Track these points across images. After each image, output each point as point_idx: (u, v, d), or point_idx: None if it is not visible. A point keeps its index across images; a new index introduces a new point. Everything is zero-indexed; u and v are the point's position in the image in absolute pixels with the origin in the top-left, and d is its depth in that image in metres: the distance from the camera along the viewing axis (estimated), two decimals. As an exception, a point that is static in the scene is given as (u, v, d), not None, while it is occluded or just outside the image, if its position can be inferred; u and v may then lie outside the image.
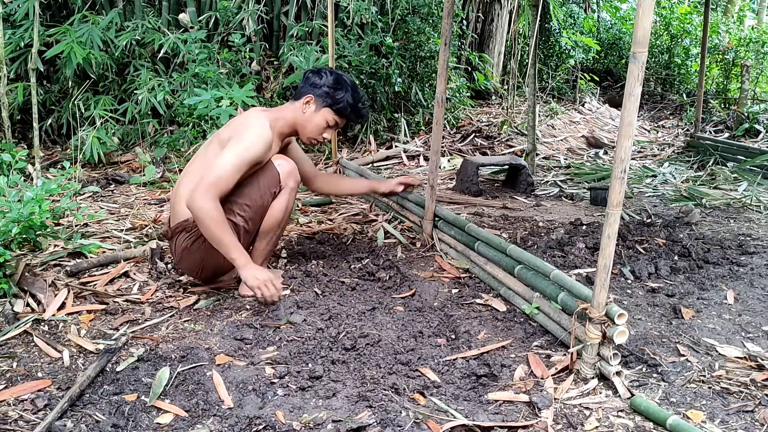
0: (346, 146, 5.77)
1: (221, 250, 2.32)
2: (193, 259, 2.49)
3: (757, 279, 2.90)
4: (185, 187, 2.45)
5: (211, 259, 2.47)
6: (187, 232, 2.47)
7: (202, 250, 2.44)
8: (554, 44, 8.40)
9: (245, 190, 2.44)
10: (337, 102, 2.56)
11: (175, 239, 2.50)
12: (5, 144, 4.14)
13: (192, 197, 2.27)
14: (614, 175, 1.81)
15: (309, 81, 2.59)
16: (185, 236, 2.47)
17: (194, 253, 2.47)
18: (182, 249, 2.49)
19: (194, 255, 2.47)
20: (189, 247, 2.47)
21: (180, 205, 2.46)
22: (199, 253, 2.46)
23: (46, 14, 5.05)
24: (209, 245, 2.36)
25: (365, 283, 2.74)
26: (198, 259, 2.49)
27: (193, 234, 2.45)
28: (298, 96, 2.59)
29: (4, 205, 2.57)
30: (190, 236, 2.46)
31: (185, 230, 2.47)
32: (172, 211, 2.54)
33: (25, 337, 2.18)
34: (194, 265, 2.52)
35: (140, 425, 1.71)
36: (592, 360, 1.99)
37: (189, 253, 2.48)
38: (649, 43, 1.76)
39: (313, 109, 2.56)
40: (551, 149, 6.34)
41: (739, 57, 8.46)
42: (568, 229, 3.58)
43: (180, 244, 2.49)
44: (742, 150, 5.67)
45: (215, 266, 2.53)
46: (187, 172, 2.53)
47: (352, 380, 1.96)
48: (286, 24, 5.68)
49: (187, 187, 2.42)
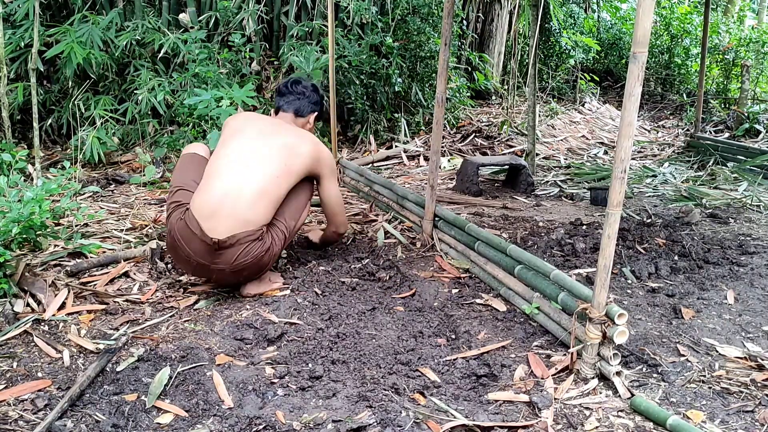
0: (346, 146, 5.77)
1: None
2: (260, 265, 2.54)
3: (757, 279, 2.90)
4: (257, 197, 2.49)
5: (272, 263, 2.62)
6: (260, 240, 2.49)
7: (270, 257, 2.55)
8: (554, 44, 8.40)
9: (296, 206, 2.69)
10: (323, 110, 3.05)
11: (243, 246, 2.45)
12: (5, 144, 4.14)
13: (342, 224, 3.00)
14: (614, 175, 1.81)
15: (310, 99, 2.90)
16: (258, 246, 2.48)
17: (265, 260, 2.53)
18: (253, 256, 2.47)
19: (264, 262, 2.54)
20: (263, 256, 2.50)
21: (247, 213, 2.46)
22: (267, 258, 2.54)
23: (46, 14, 5.05)
24: (274, 252, 2.58)
25: (365, 283, 2.74)
26: (264, 265, 2.56)
27: (264, 242, 2.51)
28: (303, 113, 2.89)
29: (4, 205, 2.57)
30: (263, 244, 2.50)
31: (258, 239, 2.49)
32: (233, 217, 2.44)
33: (25, 337, 2.18)
34: (257, 271, 2.57)
35: (140, 425, 1.71)
36: (592, 360, 1.99)
37: (260, 262, 2.51)
38: (649, 43, 1.76)
39: (313, 123, 2.97)
40: (551, 149, 6.34)
41: (739, 57, 8.46)
42: (568, 229, 3.58)
43: (252, 252, 2.47)
44: (742, 150, 5.67)
45: (267, 269, 2.63)
46: (250, 182, 2.51)
47: (352, 380, 1.96)
48: (286, 24, 5.68)
49: (259, 199, 2.50)
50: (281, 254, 3.02)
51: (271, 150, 2.60)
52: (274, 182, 2.55)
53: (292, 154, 2.62)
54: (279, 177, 2.57)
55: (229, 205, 2.44)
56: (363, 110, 5.70)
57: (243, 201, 2.46)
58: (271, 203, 2.55)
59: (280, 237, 2.60)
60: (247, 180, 2.50)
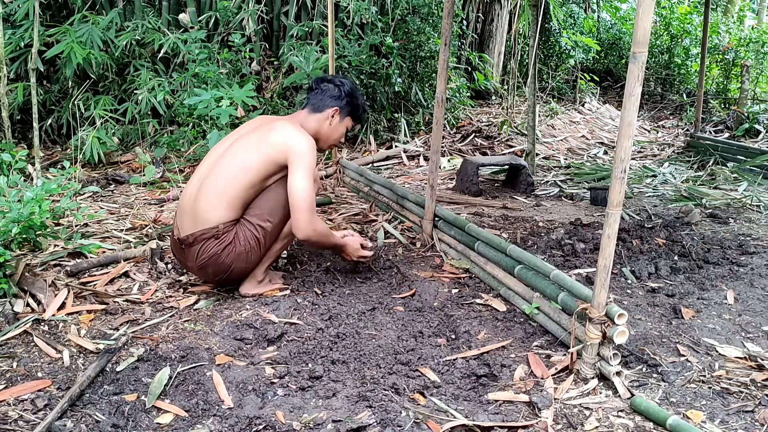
0: (346, 146, 5.77)
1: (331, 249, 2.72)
2: (221, 265, 2.48)
3: (757, 279, 2.90)
4: (212, 197, 2.45)
5: (241, 263, 2.49)
6: (216, 239, 2.45)
7: (233, 256, 2.45)
8: (554, 44, 8.40)
9: (272, 204, 2.50)
10: (357, 109, 2.76)
11: (200, 245, 2.45)
12: (5, 144, 4.14)
13: (300, 228, 2.45)
14: (614, 175, 1.81)
15: (328, 93, 2.68)
16: (214, 243, 2.44)
17: (224, 259, 2.46)
18: (211, 255, 2.45)
19: (224, 261, 2.47)
20: (219, 254, 2.45)
21: (205, 212, 2.44)
22: (229, 258, 2.46)
23: (46, 14, 5.05)
24: (239, 251, 2.46)
25: (365, 283, 2.74)
26: (227, 265, 2.48)
27: (222, 241, 2.45)
28: (320, 108, 2.67)
29: (4, 205, 2.57)
30: (220, 243, 2.45)
31: (214, 237, 2.44)
32: (193, 216, 2.47)
33: (25, 337, 2.17)
34: (221, 270, 2.50)
35: (140, 425, 1.71)
36: (592, 360, 1.99)
37: (217, 260, 2.46)
38: (649, 43, 1.76)
39: (338, 120, 2.70)
40: (551, 149, 6.34)
41: (739, 57, 8.46)
42: (568, 229, 3.58)
43: (206, 250, 2.45)
44: (742, 150, 5.67)
45: (241, 270, 2.53)
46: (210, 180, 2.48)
47: (352, 380, 1.96)
48: (286, 24, 5.68)
49: (212, 199, 2.44)
50: (281, 254, 3.02)
51: (239, 146, 2.52)
52: (234, 178, 2.44)
53: (258, 147, 2.48)
54: (240, 172, 2.44)
55: (189, 205, 2.49)
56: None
57: (201, 200, 2.46)
58: (232, 200, 2.44)
59: (249, 236, 2.47)
60: (208, 178, 2.49)
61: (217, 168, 2.50)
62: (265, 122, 2.64)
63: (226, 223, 2.45)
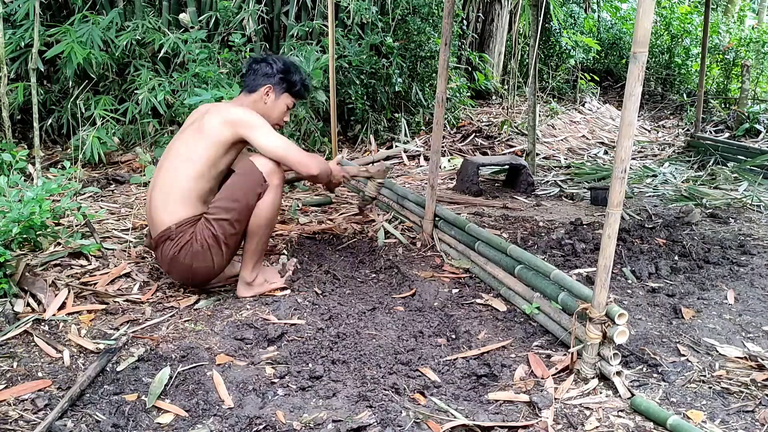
0: (346, 146, 5.77)
1: (328, 181, 2.65)
2: (182, 266, 2.43)
3: (757, 279, 2.90)
4: (160, 199, 2.43)
5: (201, 262, 2.41)
6: (171, 240, 2.40)
7: (190, 256, 2.39)
8: (554, 44, 8.40)
9: (229, 192, 2.41)
10: (293, 85, 2.65)
11: (161, 249, 2.44)
12: (5, 144, 4.14)
13: (305, 169, 2.44)
14: (614, 175, 1.81)
15: (260, 72, 2.61)
16: (170, 245, 2.40)
17: (182, 260, 2.40)
18: (170, 258, 2.42)
19: (183, 262, 2.41)
20: (176, 255, 2.40)
21: (159, 214, 2.42)
22: (187, 259, 2.40)
23: (46, 14, 5.05)
24: (195, 250, 2.38)
25: (365, 283, 2.74)
26: (188, 266, 2.42)
27: (178, 242, 2.39)
28: (253, 88, 2.60)
29: (5, 205, 2.57)
30: (175, 244, 2.40)
31: (169, 239, 2.40)
32: (151, 221, 2.47)
33: (25, 337, 2.17)
34: (184, 271, 2.46)
35: (140, 425, 1.72)
36: (593, 360, 1.99)
37: (177, 261, 2.42)
38: (649, 43, 1.77)
39: (273, 98, 2.62)
40: (551, 149, 6.34)
41: (740, 57, 8.46)
42: (568, 229, 3.58)
43: (166, 253, 2.42)
44: (742, 150, 5.67)
45: (205, 270, 2.45)
46: (157, 182, 2.47)
47: (352, 380, 1.96)
48: (287, 24, 5.68)
49: (161, 199, 2.42)
50: (282, 252, 3.02)
51: (179, 142, 2.47)
52: (178, 174, 2.41)
53: (198, 136, 2.43)
54: (183, 165, 2.41)
55: (148, 211, 2.51)
56: (363, 110, 5.70)
57: (154, 204, 2.45)
58: (181, 198, 2.40)
59: (207, 234, 2.37)
60: (156, 182, 2.48)
61: (162, 169, 2.48)
62: (200, 112, 2.59)
63: (179, 222, 2.39)
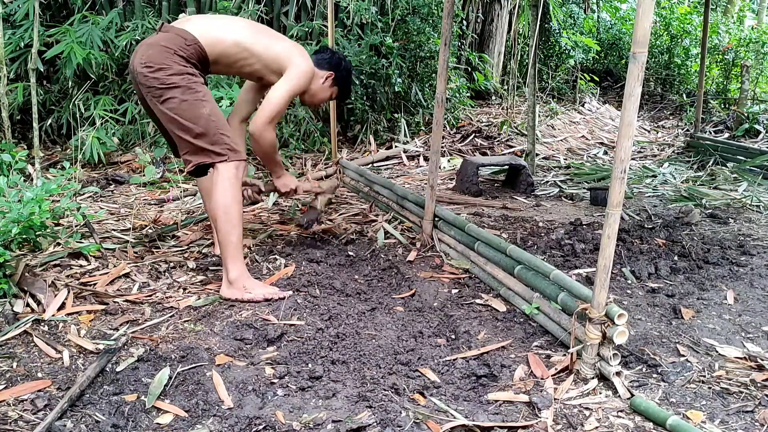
0: (346, 146, 5.77)
1: (270, 167, 2.98)
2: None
3: (757, 279, 2.90)
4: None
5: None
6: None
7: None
8: (554, 44, 8.40)
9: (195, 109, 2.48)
10: (345, 86, 3.02)
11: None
12: (5, 144, 4.14)
13: (255, 127, 2.68)
14: (614, 175, 1.81)
15: (332, 59, 2.94)
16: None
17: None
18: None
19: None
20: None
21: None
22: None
23: (46, 14, 5.05)
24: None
25: (365, 283, 2.74)
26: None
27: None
28: (320, 65, 2.90)
29: (4, 206, 2.57)
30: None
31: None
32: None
33: (25, 337, 2.17)
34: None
35: (140, 425, 1.72)
36: (592, 360, 1.99)
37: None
38: (649, 43, 1.76)
39: (329, 84, 2.94)
40: (551, 149, 6.34)
41: (739, 57, 8.46)
42: (568, 229, 3.58)
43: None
44: (742, 150, 5.67)
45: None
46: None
47: (352, 380, 1.96)
48: (286, 24, 5.68)
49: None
50: (282, 252, 3.02)
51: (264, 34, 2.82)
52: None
53: (272, 37, 2.81)
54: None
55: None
56: (363, 110, 5.70)
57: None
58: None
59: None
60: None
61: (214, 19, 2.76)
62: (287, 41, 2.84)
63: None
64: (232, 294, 2.48)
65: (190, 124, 2.43)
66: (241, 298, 2.47)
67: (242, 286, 2.49)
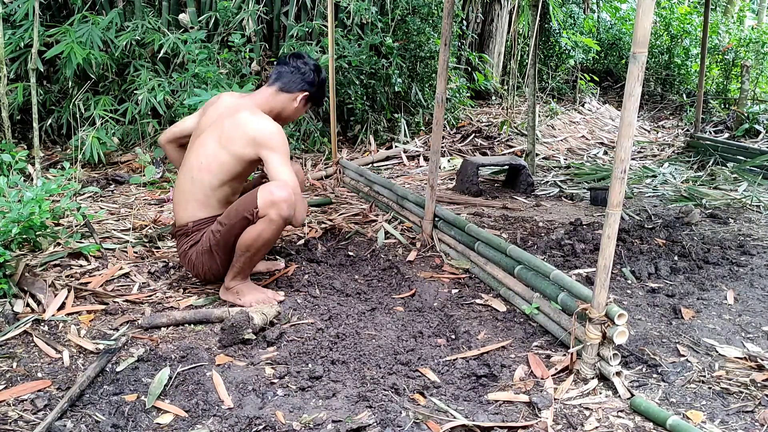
0: (346, 146, 5.77)
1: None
2: (190, 262, 2.56)
3: (757, 279, 2.90)
4: (183, 197, 2.53)
5: (200, 265, 2.54)
6: (187, 236, 2.54)
7: (196, 255, 2.52)
8: (554, 44, 8.40)
9: (232, 208, 2.44)
10: (319, 99, 2.72)
11: (179, 241, 2.59)
12: (5, 144, 4.14)
13: (298, 217, 2.41)
14: (614, 176, 1.81)
15: (304, 77, 2.60)
16: (186, 240, 2.54)
17: (191, 257, 2.54)
18: (182, 252, 2.57)
19: (191, 259, 2.55)
20: (188, 251, 2.55)
21: (181, 210, 2.54)
22: (194, 257, 2.52)
23: (46, 14, 5.05)
24: (201, 251, 2.49)
25: (365, 284, 2.74)
26: (194, 263, 2.55)
27: (191, 238, 2.53)
28: (290, 89, 2.58)
29: (4, 206, 2.57)
30: (189, 240, 2.53)
31: (185, 234, 2.54)
32: (175, 211, 2.59)
33: (25, 338, 2.17)
34: (191, 267, 2.59)
35: (140, 425, 1.71)
36: (592, 360, 1.99)
37: (187, 257, 2.56)
38: (649, 43, 1.76)
39: (302, 104, 2.64)
40: (551, 149, 6.34)
41: (739, 57, 8.46)
42: (568, 229, 3.58)
43: (181, 247, 2.57)
44: (742, 150, 5.67)
45: (209, 273, 2.57)
46: (181, 178, 2.54)
47: (352, 380, 1.96)
48: (286, 24, 5.68)
49: (184, 198, 2.52)
50: (282, 252, 3.02)
51: (205, 142, 2.47)
52: (199, 179, 2.45)
53: (218, 147, 2.42)
54: (199, 176, 2.45)
55: (174, 202, 2.60)
56: (363, 110, 5.70)
57: (177, 199, 2.57)
58: (201, 200, 2.48)
59: (209, 237, 2.46)
60: (180, 178, 2.56)
61: (185, 168, 2.54)
62: (226, 105, 2.53)
63: (197, 221, 2.51)
64: (227, 297, 2.55)
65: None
66: (233, 302, 2.53)
67: (236, 291, 2.52)
